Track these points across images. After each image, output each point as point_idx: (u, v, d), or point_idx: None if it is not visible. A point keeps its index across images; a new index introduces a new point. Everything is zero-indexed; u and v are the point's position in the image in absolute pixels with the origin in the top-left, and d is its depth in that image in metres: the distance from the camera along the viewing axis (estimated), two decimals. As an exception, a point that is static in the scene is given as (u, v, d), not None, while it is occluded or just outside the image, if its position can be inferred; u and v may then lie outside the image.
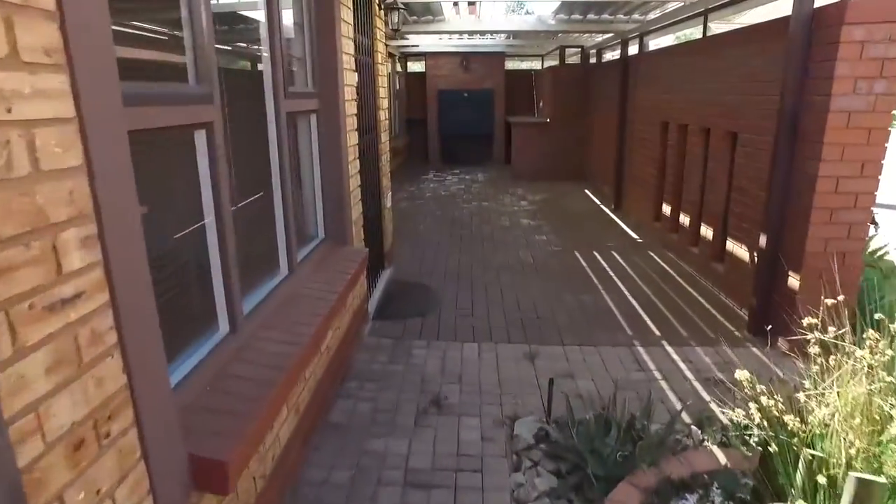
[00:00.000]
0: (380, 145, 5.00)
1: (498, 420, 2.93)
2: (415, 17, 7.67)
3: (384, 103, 5.10)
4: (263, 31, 2.49)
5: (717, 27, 7.00)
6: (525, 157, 10.68)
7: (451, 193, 9.69)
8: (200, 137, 1.93)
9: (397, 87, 12.68)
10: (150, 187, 1.50)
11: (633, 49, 7.80)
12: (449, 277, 5.32)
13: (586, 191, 9.73)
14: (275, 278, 2.71)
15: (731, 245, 4.54)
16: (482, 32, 8.77)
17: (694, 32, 7.82)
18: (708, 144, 5.20)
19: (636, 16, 7.48)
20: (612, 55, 10.41)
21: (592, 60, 10.82)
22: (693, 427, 2.73)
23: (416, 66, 13.70)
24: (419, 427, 2.89)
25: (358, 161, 3.92)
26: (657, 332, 4.06)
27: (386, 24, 5.39)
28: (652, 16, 7.39)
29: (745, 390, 1.63)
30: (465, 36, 10.50)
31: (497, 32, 8.17)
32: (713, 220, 4.96)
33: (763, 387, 1.63)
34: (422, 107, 13.19)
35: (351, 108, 3.65)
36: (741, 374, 1.62)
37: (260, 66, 2.57)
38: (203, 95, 1.87)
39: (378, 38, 4.79)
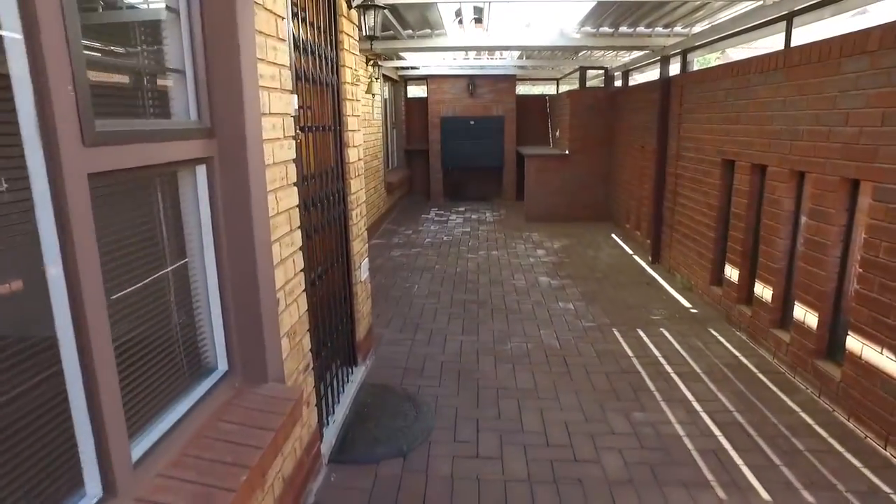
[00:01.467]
0: (349, 198, 3.65)
1: None
2: (410, 32, 6.44)
3: (356, 138, 3.77)
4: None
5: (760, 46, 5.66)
6: (540, 195, 9.35)
7: (454, 238, 8.34)
8: None
9: (394, 113, 11.47)
10: None
11: (672, 68, 6.50)
12: (446, 376, 3.91)
13: (614, 236, 8.35)
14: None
15: (857, 342, 3.12)
16: (491, 49, 7.50)
17: (728, 53, 6.50)
18: (803, 193, 3.82)
19: (679, 28, 6.20)
20: (639, 77, 9.14)
21: (618, 83, 9.56)
22: None
23: (417, 91, 12.52)
24: None
25: (300, 232, 2.57)
26: (759, 488, 2.62)
27: (359, 28, 4.12)
28: (697, 28, 6.11)
29: None
30: (471, 55, 9.28)
31: (509, 49, 6.88)
32: (816, 299, 3.55)
33: None
34: (423, 136, 11.96)
35: (283, 151, 2.32)
36: None
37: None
38: None
39: (346, 47, 3.49)
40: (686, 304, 5.38)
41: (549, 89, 13.48)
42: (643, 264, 6.80)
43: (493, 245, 7.90)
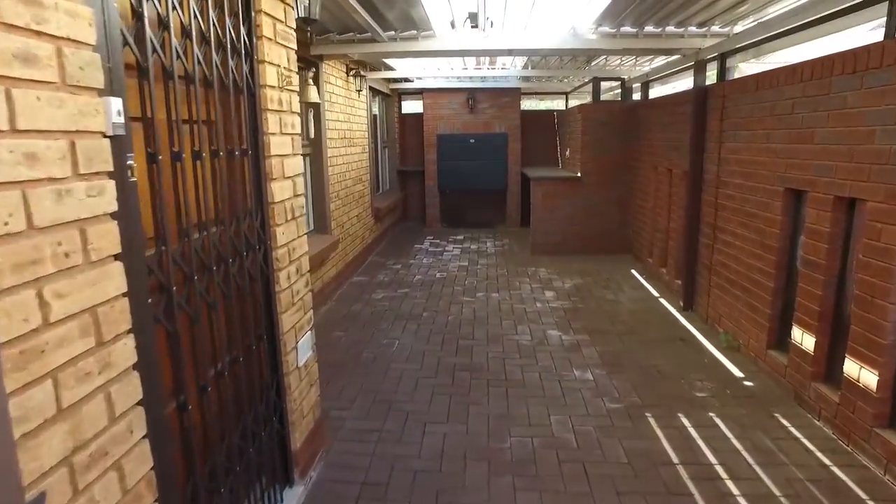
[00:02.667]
0: (274, 253, 2.56)
1: None
2: (391, 33, 5.42)
3: (289, 165, 2.70)
4: None
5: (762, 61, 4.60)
6: (548, 223, 8.26)
7: (449, 276, 7.24)
8: None
9: (385, 131, 10.46)
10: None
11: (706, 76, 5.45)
12: (420, 499, 2.80)
13: (634, 273, 7.23)
14: None
15: None
16: (490, 55, 6.45)
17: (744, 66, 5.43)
18: (924, 243, 2.71)
19: (716, 27, 5.15)
20: (661, 90, 8.11)
21: (636, 97, 8.52)
22: None
23: (413, 107, 11.54)
24: None
25: (132, 338, 1.49)
26: None
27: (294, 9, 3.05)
28: (739, 28, 5.06)
29: None
30: (470, 65, 8.27)
31: (511, 53, 5.84)
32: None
33: None
34: (419, 155, 10.94)
35: (61, 206, 1.25)
36: None
37: None
38: None
39: (269, 34, 2.44)
40: (736, 372, 4.24)
41: (557, 104, 12.48)
42: (673, 311, 5.67)
43: (493, 284, 6.80)
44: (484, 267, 7.67)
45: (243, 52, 2.28)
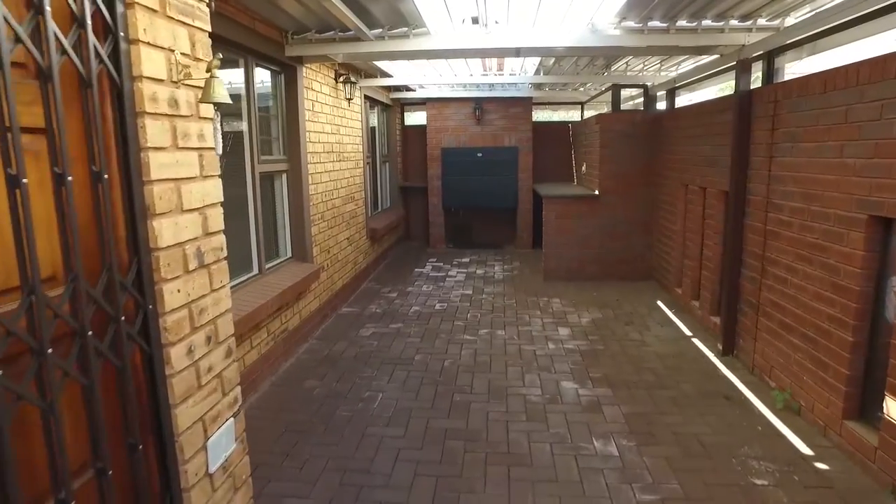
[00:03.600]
0: (157, 322, 1.76)
1: None
2: (379, 31, 4.68)
3: (207, 191, 1.92)
4: None
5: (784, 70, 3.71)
6: (562, 247, 7.44)
7: (450, 307, 6.43)
8: None
9: (385, 144, 9.73)
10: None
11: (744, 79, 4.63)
12: None
13: (661, 304, 6.37)
14: None
15: None
16: (493, 55, 5.66)
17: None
18: None
19: (763, 20, 4.34)
20: (689, 97, 7.29)
21: (660, 105, 7.71)
22: None
23: (417, 118, 10.83)
24: None
25: None
26: None
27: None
28: (791, 20, 4.26)
29: None
30: (475, 70, 7.51)
31: (520, 53, 5.08)
32: None
33: None
34: (421, 170, 10.20)
35: None
36: None
37: None
38: None
39: (152, 3, 1.67)
40: (802, 447, 3.37)
41: (572, 116, 11.71)
42: (710, 356, 4.80)
43: (499, 318, 5.97)
44: (490, 296, 6.84)
45: (106, 25, 1.52)
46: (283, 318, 4.77)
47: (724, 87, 9.48)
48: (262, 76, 4.88)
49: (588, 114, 10.46)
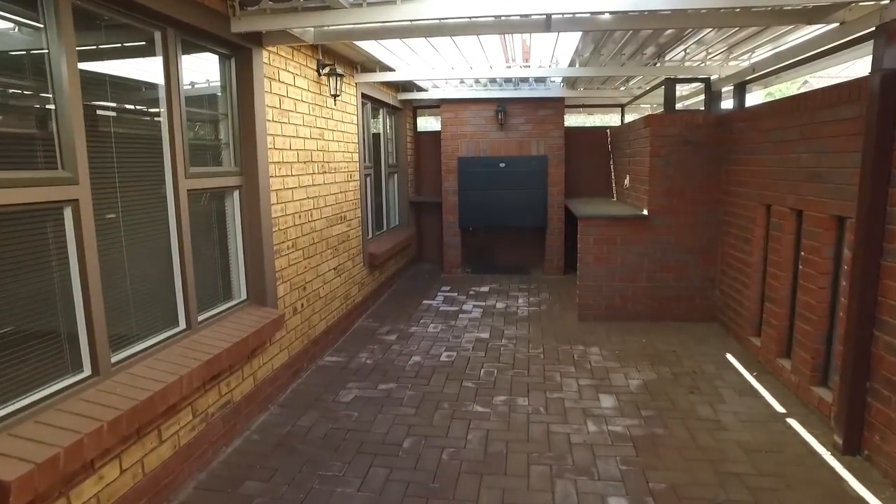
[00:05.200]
0: None
1: None
2: (356, -1, 3.43)
3: None
4: None
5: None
6: (602, 278, 6.07)
7: (459, 358, 5.12)
8: None
9: (395, 152, 8.50)
10: None
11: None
12: None
13: (730, 358, 4.94)
14: None
15: None
16: (517, 28, 4.28)
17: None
18: None
19: (912, -30, 2.96)
20: (759, 96, 5.87)
21: (727, 104, 6.31)
22: None
23: (430, 123, 9.60)
24: None
25: None
26: None
27: None
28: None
29: None
30: (499, 64, 6.21)
31: (550, 26, 3.76)
32: None
33: None
34: (436, 183, 8.94)
35: None
36: None
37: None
38: None
39: None
40: None
41: (610, 121, 10.32)
42: (824, 454, 3.38)
43: (522, 376, 4.63)
44: (511, 342, 5.50)
45: None
46: (225, 388, 3.53)
47: (799, 85, 7.92)
48: (206, 65, 3.69)
49: (629, 117, 9.08)
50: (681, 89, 7.10)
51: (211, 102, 3.77)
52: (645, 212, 5.98)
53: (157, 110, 3.14)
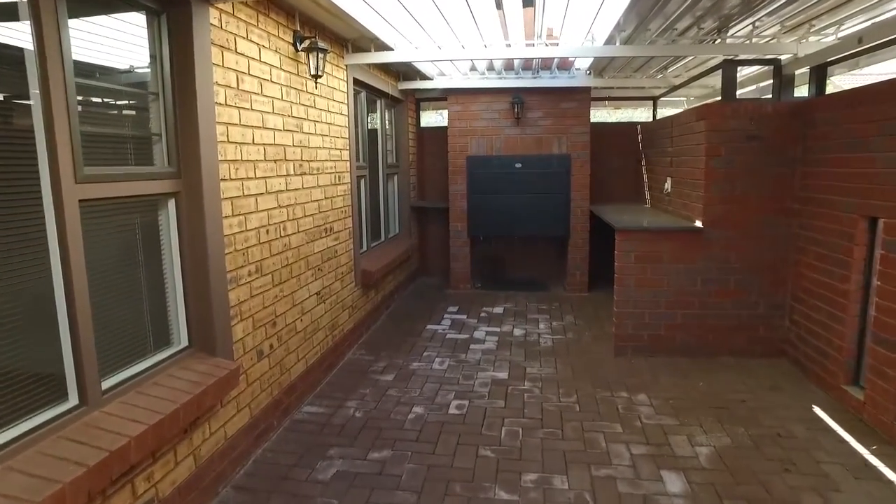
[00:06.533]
0: None
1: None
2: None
3: None
4: None
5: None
6: (643, 303, 5.01)
7: (472, 408, 4.07)
8: None
9: (395, 151, 7.45)
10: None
11: None
12: None
13: (821, 415, 3.87)
14: None
15: None
16: None
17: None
18: None
19: None
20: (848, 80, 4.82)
21: (800, 92, 5.26)
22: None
23: (436, 118, 8.55)
24: None
25: None
26: None
27: None
28: None
29: None
30: (518, 40, 5.13)
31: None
32: None
33: None
34: (442, 185, 7.90)
35: None
36: None
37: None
38: None
39: None
40: None
41: (639, 116, 9.25)
42: None
43: (555, 443, 3.57)
44: (536, 385, 4.44)
45: None
46: (143, 484, 2.48)
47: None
48: (124, 25, 2.64)
49: (663, 112, 8.01)
50: (743, 75, 5.99)
51: (132, 78, 2.72)
52: (698, 223, 4.92)
53: (26, 91, 2.08)
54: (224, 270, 3.08)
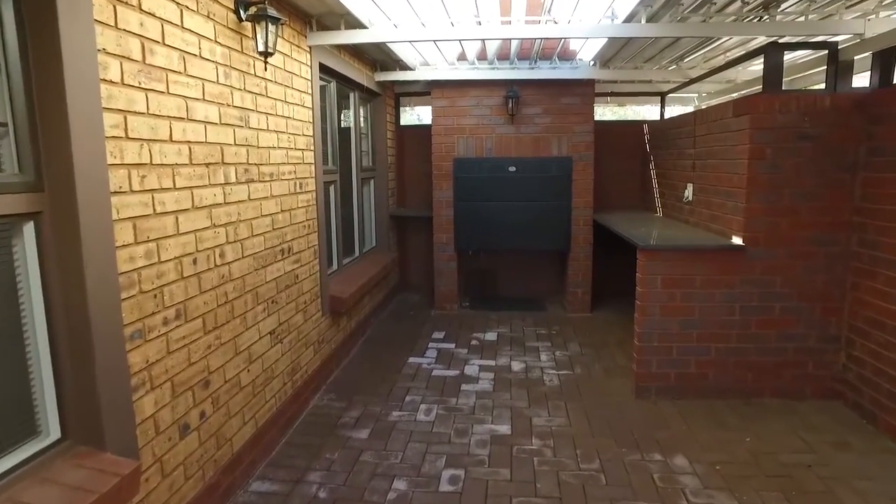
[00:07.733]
0: None
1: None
2: None
3: None
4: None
5: None
6: (670, 335, 4.18)
7: (471, 481, 3.17)
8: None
9: (371, 153, 6.52)
10: None
11: None
12: None
13: (920, 488, 3.06)
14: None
15: None
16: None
17: None
18: None
19: None
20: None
21: (860, 81, 4.46)
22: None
23: (418, 115, 7.64)
24: None
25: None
26: None
27: None
28: None
29: None
30: (517, 15, 4.25)
31: None
32: None
33: None
34: (425, 192, 7.00)
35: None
36: None
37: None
38: None
39: None
40: None
41: (644, 114, 8.45)
42: None
43: (583, 538, 2.70)
44: (547, 445, 3.55)
45: None
46: None
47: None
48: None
49: (671, 112, 7.21)
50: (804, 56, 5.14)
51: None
52: (737, 240, 4.09)
53: None
54: (119, 323, 2.13)
